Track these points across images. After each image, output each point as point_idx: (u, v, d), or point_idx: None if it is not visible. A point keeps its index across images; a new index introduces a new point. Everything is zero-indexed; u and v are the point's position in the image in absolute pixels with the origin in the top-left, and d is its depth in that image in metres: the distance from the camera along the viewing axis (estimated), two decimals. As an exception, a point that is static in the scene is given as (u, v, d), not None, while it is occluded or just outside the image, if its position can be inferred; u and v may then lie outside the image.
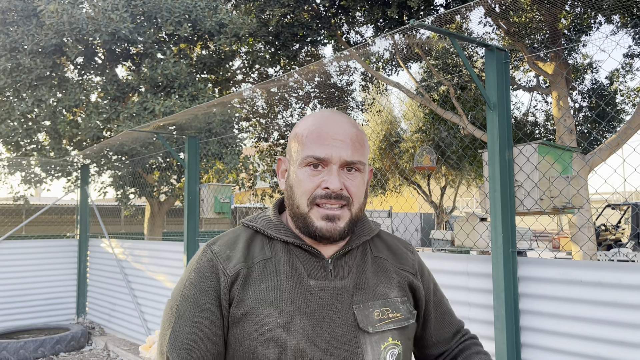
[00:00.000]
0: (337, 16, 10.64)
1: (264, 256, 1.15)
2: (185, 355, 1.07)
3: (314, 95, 12.94)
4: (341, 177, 1.11)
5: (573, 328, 2.71)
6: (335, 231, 1.11)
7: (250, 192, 13.86)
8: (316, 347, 1.07)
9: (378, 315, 1.12)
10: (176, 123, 7.76)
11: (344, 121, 1.16)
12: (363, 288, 1.15)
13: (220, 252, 1.15)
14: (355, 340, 1.09)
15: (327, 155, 1.10)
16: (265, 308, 1.08)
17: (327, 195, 1.10)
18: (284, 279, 1.11)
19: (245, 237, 1.19)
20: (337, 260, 1.16)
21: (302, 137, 1.14)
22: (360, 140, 1.15)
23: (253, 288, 1.10)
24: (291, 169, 1.16)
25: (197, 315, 1.10)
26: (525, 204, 3.00)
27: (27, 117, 8.45)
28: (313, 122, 1.15)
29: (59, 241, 7.69)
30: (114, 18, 7.36)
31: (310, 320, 1.08)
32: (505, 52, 3.04)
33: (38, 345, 6.05)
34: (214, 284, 1.11)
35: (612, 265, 2.60)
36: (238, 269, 1.12)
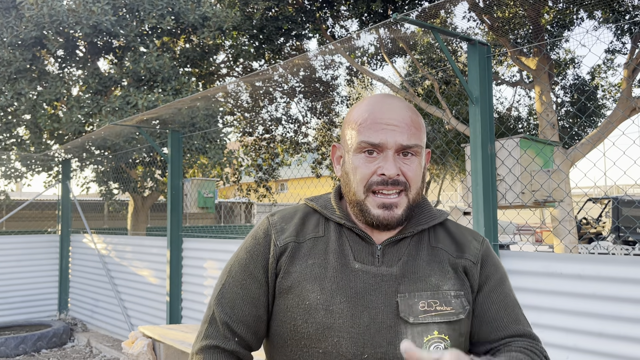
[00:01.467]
0: (321, 10, 10.61)
1: (315, 234, 1.18)
2: (229, 312, 1.16)
3: (299, 89, 12.91)
4: (397, 163, 1.10)
5: (554, 320, 2.74)
6: (392, 219, 1.11)
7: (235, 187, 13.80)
8: (353, 329, 1.07)
9: (424, 306, 1.09)
10: (159, 117, 7.68)
11: (399, 105, 1.14)
12: (412, 277, 1.12)
13: (276, 223, 1.21)
14: (395, 329, 1.08)
15: (382, 141, 1.09)
16: (309, 283, 1.11)
17: (384, 181, 1.10)
18: (331, 258, 1.13)
19: (303, 213, 1.22)
20: (388, 246, 1.15)
21: (356, 123, 1.13)
22: (416, 123, 1.14)
23: (300, 262, 1.14)
24: (346, 156, 1.17)
25: (245, 278, 1.17)
26: (507, 198, 3.02)
27: (6, 110, 8.31)
28: (367, 108, 1.14)
29: (40, 237, 7.59)
30: (95, 10, 7.25)
31: (351, 302, 1.09)
32: (488, 46, 3.05)
33: (19, 342, 5.97)
34: (265, 252, 1.17)
35: (592, 258, 2.64)
36: (288, 241, 1.16)
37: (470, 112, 3.02)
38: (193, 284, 5.37)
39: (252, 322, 1.16)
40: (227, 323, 1.15)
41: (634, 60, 8.64)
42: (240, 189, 13.55)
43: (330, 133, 14.12)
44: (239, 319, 1.15)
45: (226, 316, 1.16)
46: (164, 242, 5.78)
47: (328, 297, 1.09)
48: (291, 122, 13.37)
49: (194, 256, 5.37)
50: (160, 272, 5.82)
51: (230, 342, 1.15)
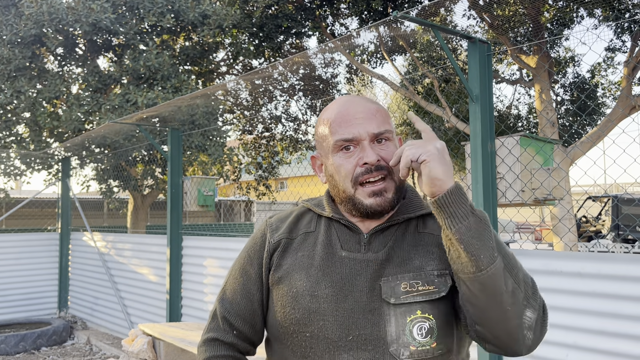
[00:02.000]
0: (321, 8, 10.60)
1: (307, 229, 1.26)
2: (228, 307, 1.27)
3: (299, 87, 12.90)
4: (375, 150, 1.15)
5: (553, 318, 2.74)
6: (385, 203, 1.16)
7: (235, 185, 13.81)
8: (338, 313, 1.12)
9: (405, 287, 1.11)
10: (159, 115, 7.68)
11: (361, 100, 1.21)
12: (395, 261, 1.15)
13: (272, 224, 1.31)
14: (379, 311, 1.11)
15: (355, 134, 1.15)
16: (297, 273, 1.19)
17: (368, 170, 1.14)
18: (319, 249, 1.21)
19: (298, 213, 1.31)
20: (375, 234, 1.20)
21: (327, 125, 1.20)
22: (381, 112, 1.20)
23: (291, 255, 1.23)
24: (326, 161, 1.22)
25: (242, 276, 1.28)
26: (507, 196, 3.02)
27: (6, 108, 8.30)
28: (333, 109, 1.21)
29: (40, 235, 7.59)
30: (95, 8, 7.24)
31: (336, 287, 1.14)
32: (488, 44, 3.05)
33: (19, 340, 5.98)
34: (260, 250, 1.27)
35: (592, 256, 2.64)
36: (281, 238, 1.26)
37: (471, 110, 3.02)
38: (193, 282, 5.37)
39: (249, 315, 1.25)
40: (225, 317, 1.26)
41: (634, 59, 8.64)
42: (240, 187, 13.55)
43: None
44: (236, 313, 1.25)
45: (225, 311, 1.26)
46: (163, 240, 5.78)
47: (313, 283, 1.16)
48: (291, 120, 13.36)
49: (193, 254, 5.37)
50: (160, 270, 5.82)
51: (229, 335, 1.26)
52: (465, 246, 0.99)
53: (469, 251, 0.99)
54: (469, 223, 0.99)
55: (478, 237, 0.99)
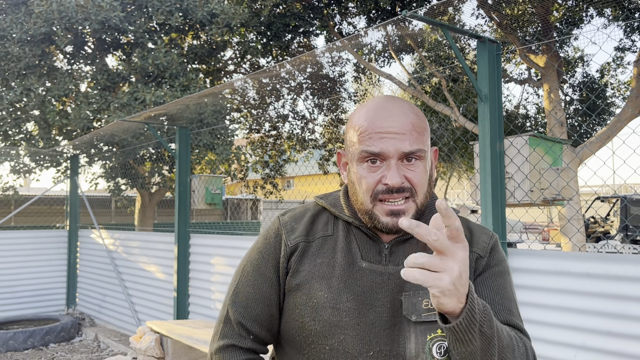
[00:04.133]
0: (329, 7, 10.59)
1: (325, 232, 1.20)
2: (243, 312, 1.19)
3: (306, 86, 12.90)
4: (401, 170, 1.09)
5: (562, 318, 2.73)
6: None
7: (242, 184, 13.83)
8: (360, 327, 1.09)
9: (427, 304, 1.09)
10: (167, 113, 7.71)
11: (400, 110, 1.12)
12: None
13: (287, 223, 1.23)
14: (399, 327, 1.09)
15: (383, 150, 1.08)
16: (317, 282, 1.13)
17: (389, 190, 1.09)
18: (339, 256, 1.15)
19: (313, 213, 1.24)
20: (395, 245, 1.16)
21: (356, 132, 1.12)
22: (418, 127, 1.11)
23: (309, 261, 1.16)
24: (350, 165, 1.16)
25: (257, 278, 1.20)
26: (516, 196, 3.01)
27: (15, 106, 8.36)
28: (366, 115, 1.12)
29: (48, 232, 7.64)
30: (104, 6, 7.27)
31: (358, 300, 1.11)
32: (497, 44, 3.04)
33: (27, 336, 6.02)
34: (276, 252, 1.20)
35: (601, 257, 2.63)
36: (298, 241, 1.19)
37: (479, 109, 3.01)
38: (200, 279, 5.39)
39: (266, 320, 1.19)
40: (241, 322, 1.19)
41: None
42: (247, 185, 13.58)
43: (337, 130, 14.11)
44: (252, 318, 1.18)
45: (240, 316, 1.19)
46: (171, 238, 5.80)
47: (335, 295, 1.11)
48: (298, 119, 13.37)
49: (201, 252, 5.39)
50: (167, 267, 5.85)
51: (246, 340, 1.19)
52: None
53: None
54: (474, 347, 0.93)
55: (481, 357, 0.95)
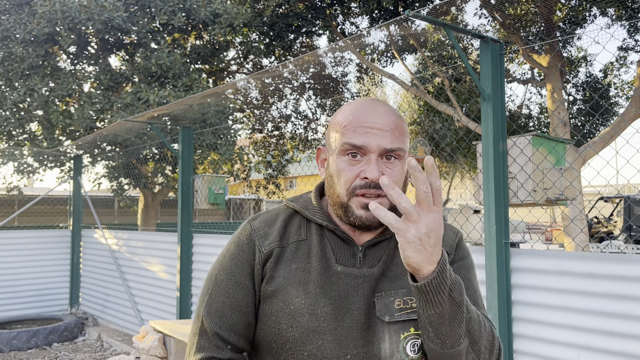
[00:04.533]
0: (332, 7, 10.59)
1: (298, 237, 1.19)
2: (218, 322, 1.15)
3: (309, 86, 12.91)
4: (380, 167, 1.10)
5: (565, 318, 2.73)
6: (374, 219, 1.11)
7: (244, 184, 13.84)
8: (337, 332, 1.10)
9: (399, 304, 1.11)
10: (170, 113, 7.72)
11: (383, 109, 1.15)
12: (389, 277, 1.14)
13: (259, 229, 1.21)
14: (373, 328, 1.10)
15: (365, 144, 1.10)
16: (293, 288, 1.12)
17: (366, 185, 1.10)
18: (314, 261, 1.15)
19: (285, 216, 1.23)
20: (369, 248, 1.17)
21: (340, 126, 1.14)
22: (400, 127, 1.14)
23: (284, 267, 1.15)
24: (330, 158, 1.17)
25: (232, 287, 1.17)
26: (519, 196, 3.01)
27: (19, 106, 8.38)
28: (351, 111, 1.14)
29: (51, 232, 7.66)
30: (107, 7, 7.29)
31: (334, 304, 1.11)
32: (500, 43, 3.04)
33: (31, 336, 6.04)
34: (249, 259, 1.17)
35: (604, 257, 2.62)
36: (273, 247, 1.17)
37: (482, 109, 3.00)
38: (203, 279, 5.40)
39: (243, 329, 1.16)
40: (217, 333, 1.15)
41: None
42: (249, 185, 13.59)
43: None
44: (229, 328, 1.15)
45: (216, 326, 1.15)
46: (174, 237, 5.81)
47: (312, 301, 1.11)
48: (300, 119, 13.37)
49: (203, 252, 5.40)
50: (170, 267, 5.86)
51: (224, 351, 1.16)
52: (433, 329, 0.99)
53: (436, 334, 0.99)
54: (442, 310, 0.96)
55: (448, 323, 0.98)
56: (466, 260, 1.25)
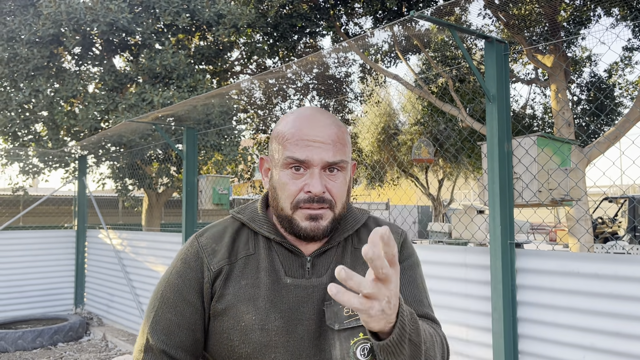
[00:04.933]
0: (336, 7, 10.60)
1: (247, 252, 1.18)
2: (165, 340, 1.14)
3: (312, 86, 12.91)
4: (323, 180, 1.11)
5: (570, 319, 2.72)
6: (318, 230, 1.12)
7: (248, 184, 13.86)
8: (289, 344, 1.11)
9: (348, 311, 1.12)
10: (175, 114, 7.74)
11: (326, 121, 1.14)
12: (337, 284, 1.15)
13: (207, 246, 1.19)
14: (324, 336, 1.12)
15: (308, 158, 1.10)
16: (243, 305, 1.12)
17: (310, 199, 1.11)
18: (263, 276, 1.15)
19: (232, 231, 1.22)
20: (316, 258, 1.18)
21: (283, 139, 1.14)
22: (342, 139, 1.14)
23: (233, 284, 1.15)
24: (274, 171, 1.17)
25: (179, 304, 1.16)
26: (524, 196, 3.01)
27: (24, 107, 8.42)
28: (294, 123, 1.14)
29: (56, 232, 7.69)
30: (112, 8, 7.31)
31: (285, 317, 1.12)
32: (505, 44, 3.03)
33: (36, 336, 6.06)
34: (197, 277, 1.16)
35: (609, 257, 2.62)
36: (222, 265, 1.16)
37: (487, 110, 3.00)
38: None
39: (191, 346, 1.16)
40: (164, 350, 1.14)
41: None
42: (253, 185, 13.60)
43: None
44: (176, 345, 1.14)
45: (162, 344, 1.14)
46: (178, 238, 5.82)
47: (263, 316, 1.11)
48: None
49: (208, 252, 5.40)
50: (175, 267, 5.86)
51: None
52: None
53: None
54: (404, 357, 0.95)
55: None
56: (411, 259, 1.26)
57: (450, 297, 3.30)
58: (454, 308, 3.28)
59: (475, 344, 3.16)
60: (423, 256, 3.46)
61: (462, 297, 3.23)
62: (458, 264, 3.26)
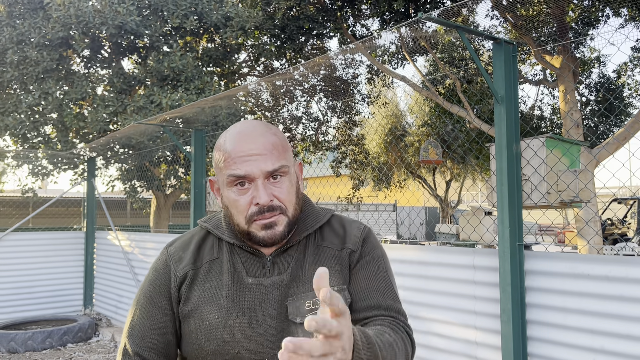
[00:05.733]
0: (343, 9, 10.60)
1: (211, 257, 1.26)
2: (139, 342, 1.23)
3: (320, 88, 12.92)
4: (268, 189, 1.15)
5: (580, 322, 2.71)
6: (275, 236, 1.17)
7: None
8: (251, 339, 1.16)
9: (309, 305, 1.17)
10: (183, 116, 7.77)
11: (259, 132, 1.17)
12: (299, 280, 1.20)
13: (174, 254, 1.29)
14: (287, 331, 1.17)
15: (248, 172, 1.14)
16: (207, 305, 1.20)
17: (260, 210, 1.15)
18: (225, 278, 1.21)
19: (199, 238, 1.30)
20: (277, 257, 1.23)
21: (221, 159, 1.18)
22: (278, 146, 1.17)
23: (198, 287, 1.23)
24: (222, 190, 1.21)
25: (150, 309, 1.25)
26: (533, 198, 3.00)
27: (33, 109, 8.48)
28: (229, 141, 1.17)
29: (66, 233, 7.73)
30: (121, 11, 7.36)
31: (247, 314, 1.18)
32: (514, 45, 3.03)
33: (46, 336, 6.10)
34: (166, 283, 1.26)
35: (620, 260, 2.60)
36: (186, 270, 1.25)
37: (496, 111, 3.00)
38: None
39: (163, 348, 1.24)
40: (138, 353, 1.23)
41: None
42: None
43: (350, 132, 14.10)
44: (149, 347, 1.23)
45: (137, 347, 1.23)
46: (187, 239, 5.84)
47: (225, 314, 1.18)
48: (311, 121, 13.39)
49: (216, 254, 5.42)
50: (183, 269, 5.88)
51: None
52: None
53: None
54: None
55: None
56: (373, 253, 1.28)
57: (458, 299, 3.29)
58: (462, 310, 3.27)
59: (484, 347, 3.15)
60: (431, 258, 3.45)
61: (471, 299, 3.23)
62: (466, 266, 3.26)
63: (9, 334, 5.94)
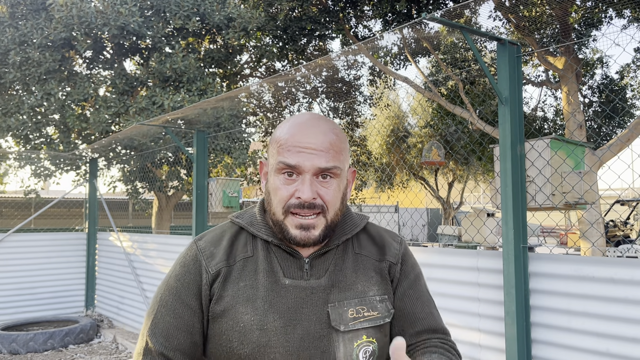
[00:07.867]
0: (345, 10, 10.59)
1: (245, 254, 1.19)
2: (163, 342, 1.15)
3: (322, 89, 12.91)
4: (314, 186, 1.12)
5: (584, 324, 2.69)
6: (309, 240, 1.14)
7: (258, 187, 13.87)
8: (288, 344, 1.11)
9: (352, 313, 1.15)
10: (185, 117, 7.76)
11: (321, 128, 1.15)
12: (340, 287, 1.18)
13: (205, 249, 1.21)
14: (327, 338, 1.13)
15: (299, 164, 1.11)
16: (242, 306, 1.13)
17: (300, 204, 1.12)
18: (261, 277, 1.16)
19: (230, 234, 1.24)
20: (315, 259, 1.19)
21: (277, 143, 1.15)
22: (337, 146, 1.15)
23: (232, 286, 1.16)
24: (269, 175, 1.18)
25: (177, 307, 1.17)
26: (537, 200, 2.98)
27: (36, 110, 8.48)
28: (289, 129, 1.15)
29: (67, 234, 7.73)
30: (123, 12, 7.36)
31: (284, 318, 1.13)
32: (518, 46, 3.01)
33: (47, 338, 6.09)
34: (196, 280, 1.18)
35: (625, 262, 2.58)
36: (220, 267, 1.17)
37: (500, 112, 2.98)
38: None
39: (189, 348, 1.16)
40: (163, 353, 1.15)
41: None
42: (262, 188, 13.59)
43: (352, 133, 14.08)
44: (174, 348, 1.15)
45: (161, 346, 1.15)
46: (188, 240, 5.83)
47: (261, 316, 1.12)
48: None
49: (218, 255, 5.40)
50: (185, 270, 5.86)
51: None
52: None
53: None
54: None
55: None
56: (415, 270, 1.29)
57: (462, 301, 3.27)
58: (466, 312, 3.25)
59: (488, 349, 3.12)
60: (434, 260, 3.43)
61: (474, 301, 3.20)
62: (470, 268, 3.23)
63: (11, 335, 5.93)
